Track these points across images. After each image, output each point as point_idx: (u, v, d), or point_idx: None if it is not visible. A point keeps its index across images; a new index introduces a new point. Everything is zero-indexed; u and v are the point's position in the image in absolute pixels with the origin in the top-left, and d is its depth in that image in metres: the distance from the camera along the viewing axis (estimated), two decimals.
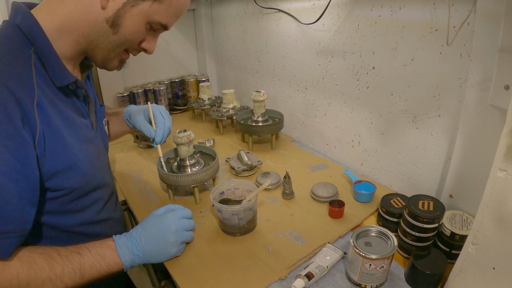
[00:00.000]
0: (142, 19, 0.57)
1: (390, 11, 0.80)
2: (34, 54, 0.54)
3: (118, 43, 0.59)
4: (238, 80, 1.57)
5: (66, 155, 0.58)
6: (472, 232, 0.52)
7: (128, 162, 1.15)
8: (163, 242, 0.67)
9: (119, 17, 0.55)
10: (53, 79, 0.56)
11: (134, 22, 0.57)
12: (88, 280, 0.59)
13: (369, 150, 0.99)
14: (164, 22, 0.60)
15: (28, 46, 0.53)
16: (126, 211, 1.06)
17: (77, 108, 0.63)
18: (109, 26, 0.56)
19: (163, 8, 0.58)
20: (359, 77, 0.94)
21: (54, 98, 0.57)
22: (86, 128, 0.65)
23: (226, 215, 0.75)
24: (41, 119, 0.53)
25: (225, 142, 1.26)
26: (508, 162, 0.45)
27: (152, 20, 0.58)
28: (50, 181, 0.57)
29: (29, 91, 0.51)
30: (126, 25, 0.57)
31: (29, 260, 0.53)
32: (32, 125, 0.52)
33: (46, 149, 0.54)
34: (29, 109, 0.51)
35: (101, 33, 0.57)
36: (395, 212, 0.75)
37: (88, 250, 0.61)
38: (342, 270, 0.68)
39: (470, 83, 0.66)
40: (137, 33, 0.59)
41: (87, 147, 0.64)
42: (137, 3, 0.56)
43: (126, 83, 1.53)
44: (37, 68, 0.54)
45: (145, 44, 0.63)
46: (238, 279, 0.66)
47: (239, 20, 1.40)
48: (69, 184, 0.60)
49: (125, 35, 0.58)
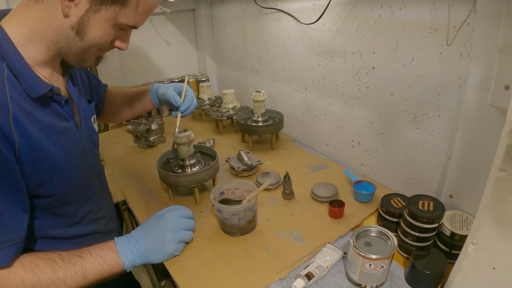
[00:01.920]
0: (108, 23, 0.56)
1: (390, 11, 0.80)
2: (6, 68, 0.53)
3: (88, 47, 0.58)
4: (238, 80, 1.57)
5: (48, 164, 0.58)
6: (472, 232, 0.52)
7: (128, 162, 1.15)
8: (159, 240, 0.68)
9: (83, 23, 0.54)
10: (27, 91, 0.55)
11: (100, 27, 0.56)
12: (91, 281, 0.61)
13: (369, 150, 0.99)
14: (131, 24, 0.58)
15: (0, 61, 0.53)
16: (126, 211, 1.06)
17: (57, 114, 0.62)
18: (75, 33, 0.55)
19: (129, 11, 0.56)
20: (359, 77, 0.94)
21: (30, 109, 0.56)
22: (69, 132, 0.64)
23: (226, 215, 0.75)
24: (19, 133, 0.52)
25: (225, 142, 1.26)
26: (508, 162, 0.45)
27: (118, 22, 0.57)
28: (37, 189, 0.58)
29: (3, 107, 0.51)
30: (92, 31, 0.55)
31: (33, 266, 0.55)
32: (10, 140, 0.51)
33: (27, 162, 0.54)
34: (6, 125, 0.50)
35: (68, 40, 0.56)
36: (395, 212, 0.75)
37: (90, 253, 0.62)
38: (342, 270, 0.68)
39: (470, 83, 0.66)
40: (106, 35, 0.57)
41: (70, 152, 0.63)
42: (100, 8, 0.54)
43: (126, 83, 1.54)
44: (10, 82, 0.53)
45: (118, 43, 0.62)
46: (238, 279, 0.66)
47: (239, 20, 1.41)
48: (57, 190, 0.61)
49: (93, 39, 0.57)
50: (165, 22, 1.56)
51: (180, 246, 0.71)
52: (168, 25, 1.58)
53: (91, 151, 0.73)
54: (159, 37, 1.57)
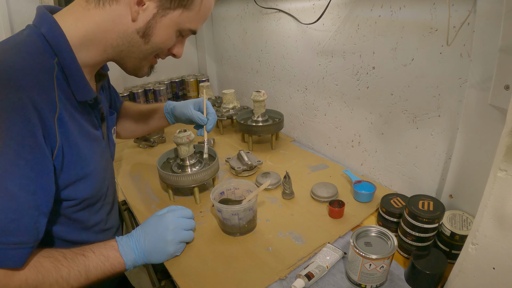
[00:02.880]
0: (173, 28, 0.58)
1: (390, 11, 0.80)
2: (57, 66, 0.53)
3: (150, 51, 0.60)
4: (238, 80, 1.57)
5: (81, 167, 0.59)
6: (472, 232, 0.52)
7: (128, 162, 1.15)
8: (160, 240, 0.68)
9: (150, 27, 0.56)
10: (75, 93, 0.56)
11: (165, 31, 0.58)
12: (93, 280, 0.60)
13: (369, 150, 0.99)
14: (193, 28, 0.61)
15: (52, 57, 0.53)
16: (126, 211, 1.06)
17: (91, 121, 0.64)
18: (140, 36, 0.57)
19: (192, 15, 0.59)
20: (359, 77, 0.94)
21: (73, 111, 0.57)
22: (98, 140, 0.66)
23: (226, 215, 0.75)
24: (61, 133, 0.54)
25: (225, 142, 1.26)
26: (508, 162, 0.45)
27: (182, 27, 0.59)
28: (62, 192, 0.58)
29: (51, 105, 0.51)
30: (157, 35, 0.57)
31: (37, 265, 0.54)
32: (52, 139, 0.52)
33: (63, 163, 0.55)
34: (51, 124, 0.51)
35: (132, 44, 0.57)
36: (395, 212, 0.75)
37: (93, 251, 0.62)
38: (342, 270, 0.68)
39: (470, 83, 0.66)
40: (168, 41, 0.60)
41: (99, 159, 0.65)
42: (167, 12, 0.56)
43: (126, 83, 1.54)
44: (59, 81, 0.53)
45: (175, 50, 0.64)
46: (238, 279, 0.66)
47: (239, 20, 1.40)
48: (81, 195, 0.61)
49: (157, 44, 0.59)
50: None
51: (181, 246, 0.71)
52: None
53: (110, 163, 0.75)
54: None
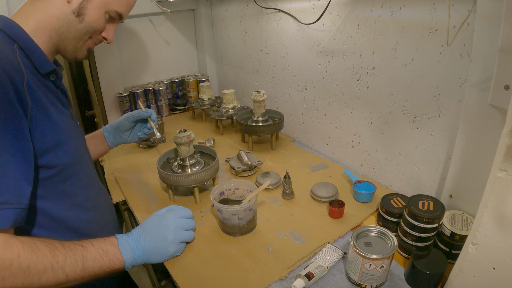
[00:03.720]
0: (102, 9, 0.68)
1: (390, 11, 0.80)
2: (17, 49, 0.59)
3: (84, 30, 0.68)
4: (238, 80, 1.57)
5: (55, 132, 0.62)
6: (472, 232, 0.52)
7: (128, 162, 1.15)
8: (161, 241, 0.68)
9: (83, 7, 0.65)
10: (38, 67, 0.62)
11: (95, 11, 0.67)
12: (90, 274, 0.59)
13: (369, 150, 0.99)
14: (120, 11, 0.71)
15: (11, 43, 0.59)
16: (126, 211, 1.06)
17: (58, 98, 0.68)
18: (76, 16, 0.65)
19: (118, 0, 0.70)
20: (359, 77, 0.94)
21: (40, 84, 0.62)
22: (68, 116, 0.69)
23: (226, 215, 0.75)
24: (31, 98, 0.57)
25: (225, 142, 1.26)
26: (508, 162, 0.45)
27: (109, 9, 0.69)
28: (42, 158, 0.59)
29: (19, 73, 0.56)
30: (89, 14, 0.66)
31: (31, 245, 0.53)
32: (23, 101, 0.55)
33: (37, 125, 0.58)
34: (20, 87, 0.55)
35: (69, 24, 0.65)
36: (395, 212, 0.75)
37: (92, 244, 0.61)
38: (342, 270, 0.68)
39: (470, 83, 0.66)
40: (99, 20, 0.69)
41: (71, 131, 0.68)
42: None
43: (126, 83, 1.53)
44: (23, 60, 0.59)
45: (105, 33, 0.72)
46: (238, 279, 0.66)
47: (239, 20, 1.40)
48: (60, 161, 0.63)
49: (90, 23, 0.67)
50: (165, 22, 1.56)
51: (181, 246, 0.71)
52: (168, 25, 1.58)
53: (84, 143, 0.79)
54: (159, 37, 1.57)
